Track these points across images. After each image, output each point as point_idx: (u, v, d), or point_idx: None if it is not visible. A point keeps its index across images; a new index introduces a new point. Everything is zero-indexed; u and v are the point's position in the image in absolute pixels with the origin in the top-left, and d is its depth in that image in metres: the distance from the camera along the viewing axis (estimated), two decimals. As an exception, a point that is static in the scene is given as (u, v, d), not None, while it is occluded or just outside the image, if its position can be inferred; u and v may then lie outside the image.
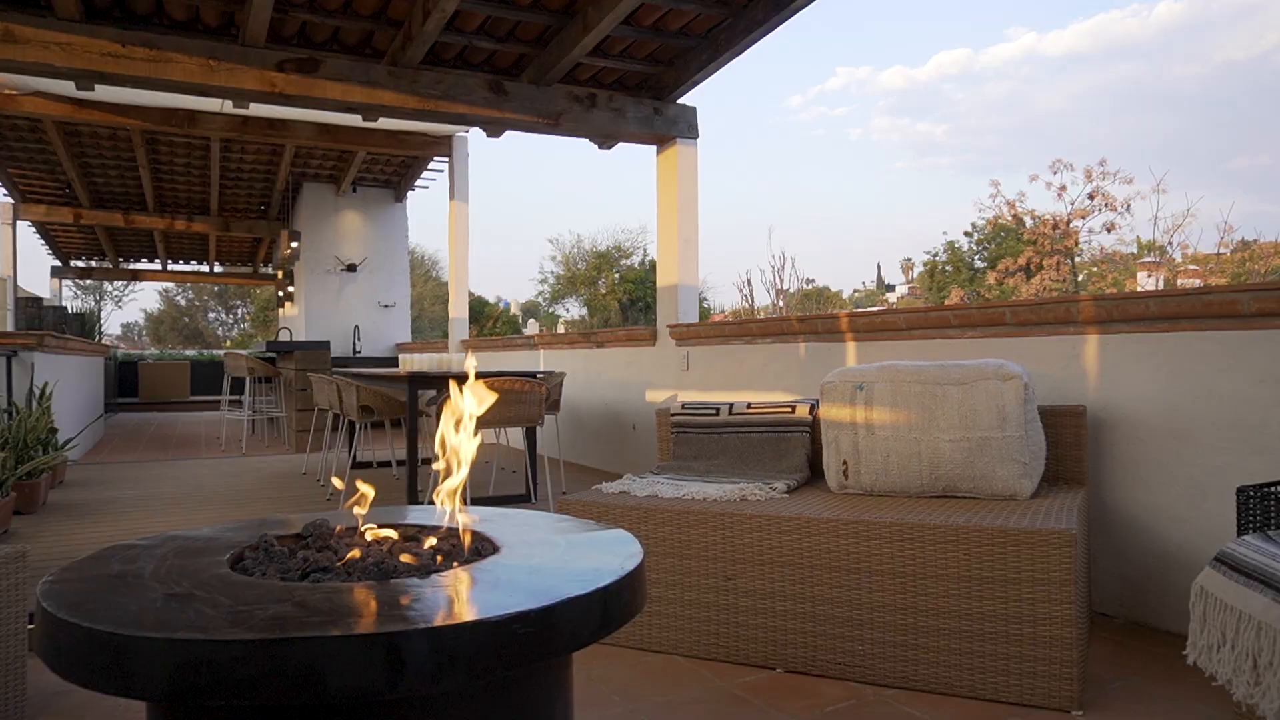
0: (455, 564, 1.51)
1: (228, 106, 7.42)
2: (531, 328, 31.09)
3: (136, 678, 1.14)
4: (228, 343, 37.14)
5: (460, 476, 1.67)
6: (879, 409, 2.74)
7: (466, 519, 1.73)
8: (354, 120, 7.64)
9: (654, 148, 5.53)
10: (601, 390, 6.23)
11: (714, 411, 3.32)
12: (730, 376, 4.81)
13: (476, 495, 4.98)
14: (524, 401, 4.37)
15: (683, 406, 3.41)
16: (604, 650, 2.68)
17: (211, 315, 41.34)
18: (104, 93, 6.82)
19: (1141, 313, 2.71)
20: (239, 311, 40.20)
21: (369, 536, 1.68)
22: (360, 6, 4.42)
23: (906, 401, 2.70)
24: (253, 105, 7.11)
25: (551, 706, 1.47)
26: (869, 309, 4.84)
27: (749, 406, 3.27)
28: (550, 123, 5.01)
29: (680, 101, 5.39)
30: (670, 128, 5.31)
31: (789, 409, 3.19)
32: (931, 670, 2.28)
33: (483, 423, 4.54)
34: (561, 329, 26.98)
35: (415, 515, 1.88)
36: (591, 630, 1.35)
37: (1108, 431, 2.88)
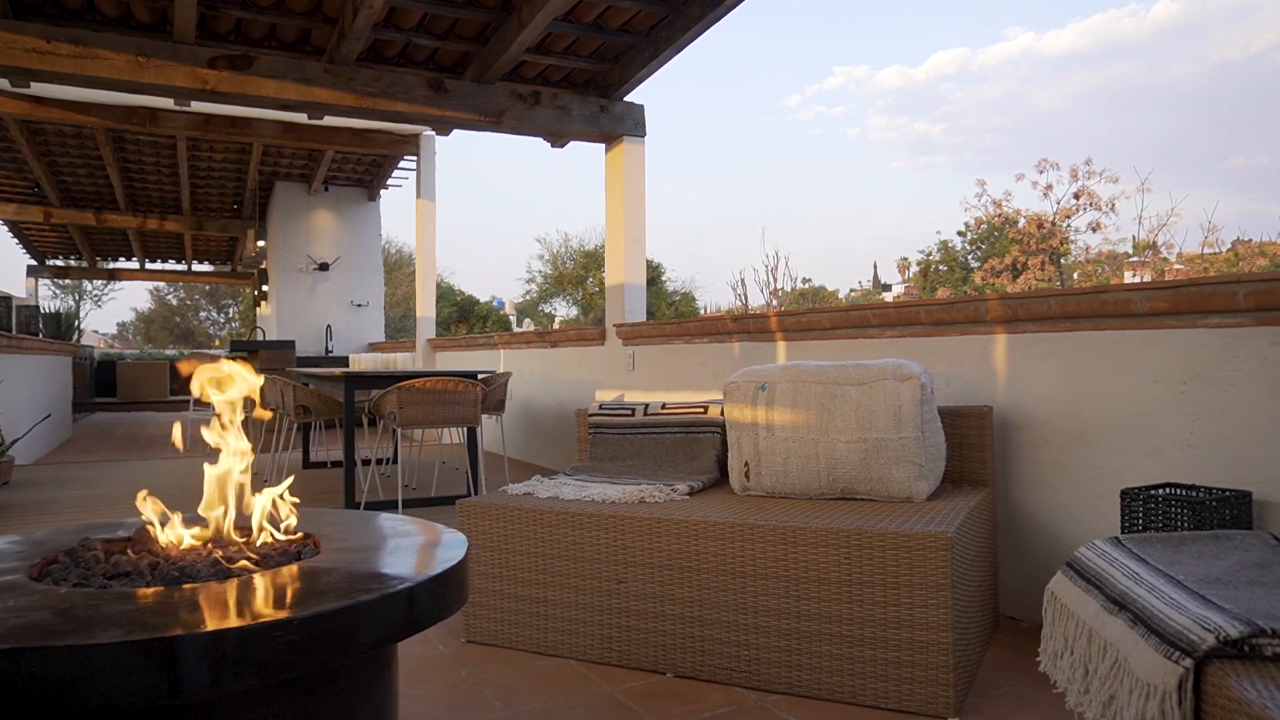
0: (263, 568, 1.47)
1: (191, 104, 7.36)
2: (526, 326, 30.99)
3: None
4: (216, 341, 37.07)
5: (283, 485, 1.64)
6: (780, 409, 2.70)
7: (295, 520, 1.70)
8: (317, 118, 7.60)
9: (602, 146, 5.49)
10: (556, 390, 6.20)
11: (630, 412, 3.29)
12: (672, 376, 4.77)
13: (421, 495, 4.94)
14: (459, 402, 4.33)
15: (600, 407, 3.37)
16: (499, 654, 2.64)
17: (203, 314, 41.23)
18: (62, 90, 6.76)
19: (1044, 312, 2.68)
20: (230, 311, 40.10)
21: (197, 540, 1.64)
22: (293, 4, 4.38)
23: (807, 402, 2.67)
24: (217, 104, 7.06)
25: (356, 708, 1.44)
26: (797, 309, 4.81)
27: (663, 407, 3.24)
28: (492, 120, 4.97)
29: (628, 99, 5.35)
30: (617, 125, 5.27)
31: (701, 409, 3.15)
32: (814, 676, 2.24)
33: (417, 423, 4.47)
34: (557, 327, 26.88)
35: (287, 518, 1.83)
36: (385, 633, 1.32)
37: (1015, 432, 2.85)
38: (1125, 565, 1.55)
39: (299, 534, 1.68)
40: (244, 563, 1.48)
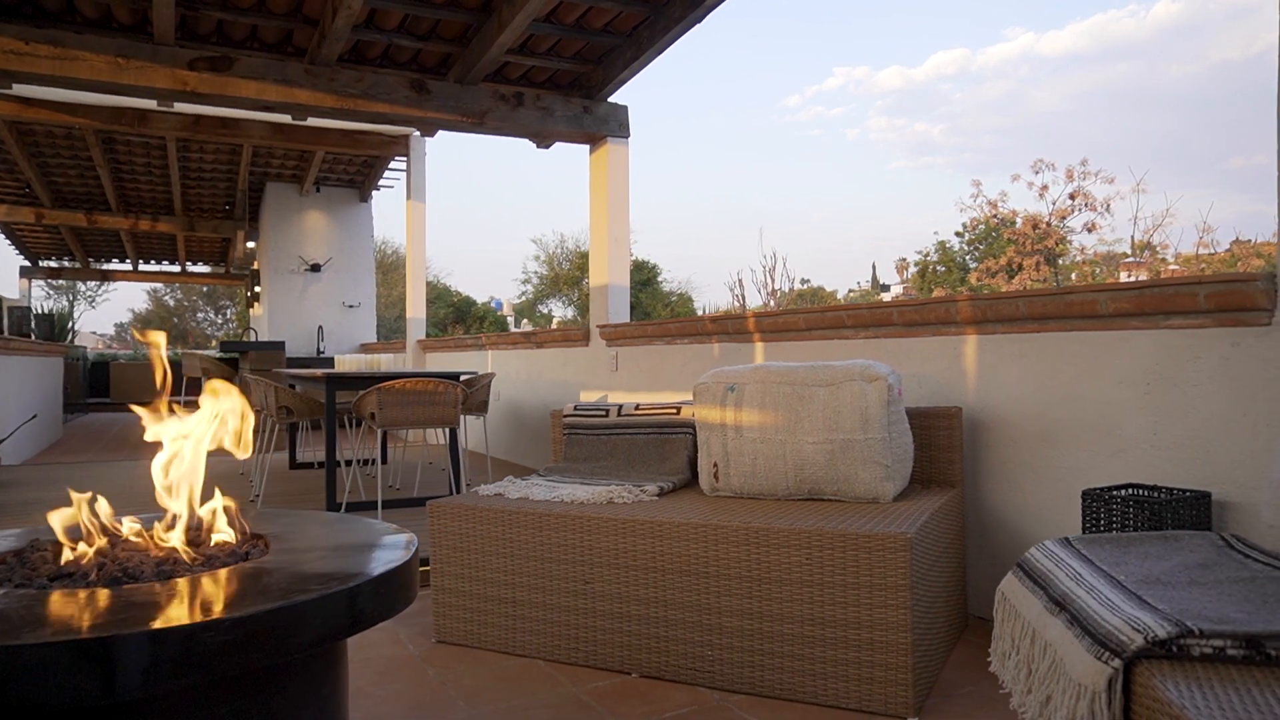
0: (208, 568, 1.47)
1: (178, 106, 7.36)
2: (525, 327, 31.02)
3: None
4: (213, 342, 37.03)
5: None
6: (748, 410, 2.70)
7: (251, 520, 1.70)
8: (300, 119, 7.59)
9: (586, 147, 5.49)
10: (541, 390, 6.20)
11: (604, 413, 3.29)
12: (654, 377, 4.78)
13: (404, 496, 4.94)
14: (439, 403, 4.33)
15: (575, 408, 3.38)
16: (468, 654, 2.65)
17: (200, 315, 41.14)
18: (51, 91, 6.76)
19: (1013, 313, 2.68)
20: (228, 312, 40.04)
21: (148, 539, 1.64)
22: (273, 5, 4.38)
23: (775, 403, 2.67)
24: (201, 105, 7.06)
25: (299, 707, 1.44)
26: (773, 310, 4.82)
27: (637, 408, 3.24)
28: (475, 122, 4.98)
29: (611, 100, 5.36)
30: (600, 126, 5.28)
31: (674, 410, 3.16)
32: (776, 676, 2.24)
33: (397, 424, 4.47)
34: (554, 328, 26.84)
35: (252, 520, 1.83)
36: (324, 633, 1.33)
37: (985, 433, 2.85)
38: (1070, 566, 1.55)
39: (250, 535, 1.69)
40: (189, 563, 1.48)
